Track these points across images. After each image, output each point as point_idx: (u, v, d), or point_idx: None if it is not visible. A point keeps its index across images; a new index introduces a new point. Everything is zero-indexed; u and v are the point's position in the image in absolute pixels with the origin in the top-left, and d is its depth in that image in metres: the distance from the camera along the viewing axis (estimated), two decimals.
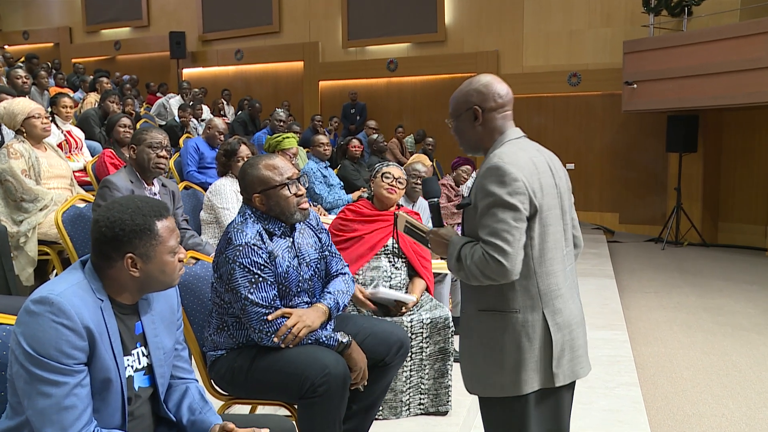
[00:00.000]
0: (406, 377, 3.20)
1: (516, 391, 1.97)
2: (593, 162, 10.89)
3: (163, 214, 1.78)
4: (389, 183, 3.52)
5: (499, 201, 1.88)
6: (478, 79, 2.07)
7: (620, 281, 6.96)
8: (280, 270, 2.42)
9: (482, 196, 1.91)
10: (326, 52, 13.34)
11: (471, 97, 2.04)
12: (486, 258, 1.86)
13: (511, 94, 2.07)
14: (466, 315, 2.10)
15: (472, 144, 2.10)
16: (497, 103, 2.03)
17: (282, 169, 2.48)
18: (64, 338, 1.59)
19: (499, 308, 1.97)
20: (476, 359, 2.03)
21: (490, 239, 1.86)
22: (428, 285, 3.48)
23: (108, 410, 1.73)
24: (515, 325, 1.96)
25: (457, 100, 2.08)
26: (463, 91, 2.07)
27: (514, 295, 1.96)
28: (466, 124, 2.06)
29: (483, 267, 1.87)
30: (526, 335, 1.96)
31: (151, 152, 3.49)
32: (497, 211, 1.87)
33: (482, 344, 2.01)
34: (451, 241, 2.02)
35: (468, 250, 1.92)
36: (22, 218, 3.82)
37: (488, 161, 1.96)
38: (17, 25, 17.39)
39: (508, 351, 1.97)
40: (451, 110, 2.10)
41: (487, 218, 1.89)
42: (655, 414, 3.85)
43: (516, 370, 1.96)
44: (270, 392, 2.43)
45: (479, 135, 2.06)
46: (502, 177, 1.89)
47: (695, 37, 8.87)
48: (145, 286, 1.79)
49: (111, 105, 6.48)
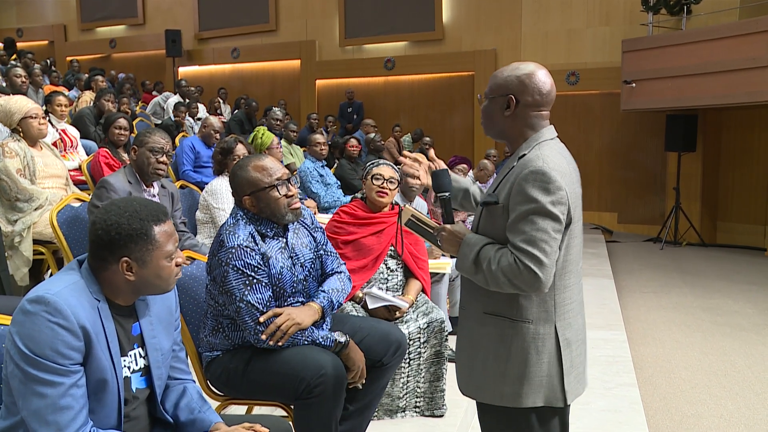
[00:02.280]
0: (403, 383, 3.17)
1: (515, 402, 1.89)
2: (592, 161, 10.88)
3: (162, 218, 1.75)
4: (380, 185, 3.39)
5: (542, 209, 1.78)
6: (525, 66, 1.94)
7: (619, 281, 6.95)
8: (273, 271, 2.40)
9: (522, 200, 1.80)
10: (323, 51, 13.32)
11: (511, 84, 1.91)
12: (518, 266, 1.76)
13: (554, 93, 1.95)
14: (467, 315, 2.01)
15: (496, 129, 1.99)
16: (535, 100, 1.91)
17: (271, 170, 2.45)
18: (59, 338, 1.58)
19: (509, 315, 1.89)
20: (474, 363, 1.96)
21: (527, 248, 1.76)
22: (424, 286, 3.45)
23: (104, 411, 1.71)
24: (525, 336, 1.88)
25: (496, 82, 1.95)
26: (505, 74, 1.94)
27: (529, 304, 1.88)
28: (497, 109, 1.94)
29: (513, 275, 1.77)
30: (535, 348, 1.87)
31: (152, 156, 3.45)
32: (538, 219, 1.78)
33: (484, 349, 1.93)
34: (466, 241, 1.91)
35: (491, 253, 1.83)
36: (16, 218, 3.80)
37: (529, 162, 1.84)
38: (11, 22, 17.32)
39: (514, 361, 1.88)
40: (488, 89, 1.97)
41: (525, 224, 1.78)
42: (654, 414, 3.83)
43: (519, 381, 1.88)
44: (266, 393, 2.42)
45: (506, 125, 1.95)
46: (547, 184, 1.79)
47: (694, 36, 8.87)
48: (141, 290, 1.78)
49: (106, 103, 6.45)
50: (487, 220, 1.93)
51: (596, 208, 10.86)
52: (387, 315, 3.19)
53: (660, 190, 10.50)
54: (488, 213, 1.93)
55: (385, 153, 9.27)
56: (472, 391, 2.00)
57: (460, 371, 2.03)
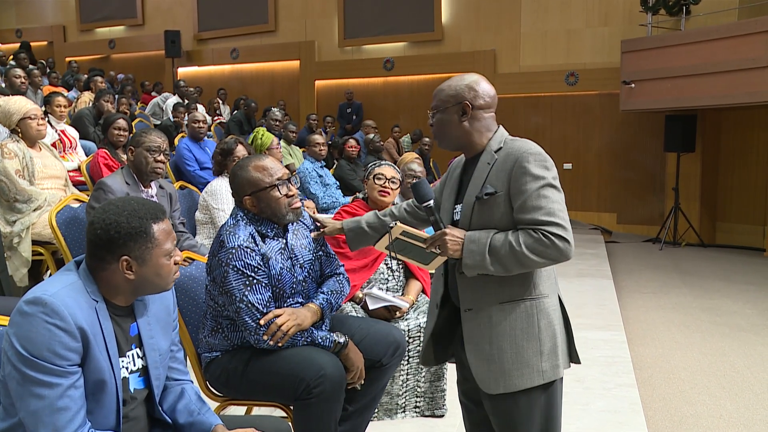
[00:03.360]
0: (402, 381, 3.18)
1: (555, 374, 2.01)
2: (591, 162, 10.89)
3: (160, 216, 1.76)
4: (382, 185, 3.42)
5: (549, 183, 1.92)
6: (467, 76, 2.10)
7: (618, 282, 6.94)
8: (273, 272, 2.40)
9: (529, 180, 1.91)
10: (322, 51, 13.32)
11: (462, 92, 2.05)
12: (546, 239, 1.86)
13: (496, 96, 2.11)
14: (478, 314, 2.01)
15: (452, 138, 2.10)
16: (486, 102, 2.07)
17: (272, 170, 2.45)
18: (57, 339, 1.58)
19: (527, 296, 1.99)
20: (502, 354, 1.98)
21: (551, 219, 1.88)
22: (424, 286, 3.46)
23: (102, 412, 1.71)
24: (547, 309, 2.00)
25: (445, 94, 2.08)
26: (452, 85, 2.08)
27: (540, 280, 2.01)
28: (452, 118, 2.06)
29: (542, 249, 1.86)
30: (556, 318, 2.03)
31: (149, 156, 3.44)
32: (549, 192, 1.91)
33: (510, 336, 1.98)
34: (469, 238, 1.95)
35: (505, 238, 1.90)
36: (15, 219, 3.80)
37: (519, 149, 1.97)
38: (10, 23, 17.30)
39: (545, 336, 1.99)
40: (436, 103, 2.10)
41: (539, 200, 1.89)
42: (653, 415, 3.83)
43: (554, 353, 2.00)
44: (265, 394, 2.41)
45: (464, 130, 2.06)
46: (545, 162, 1.94)
47: (693, 36, 8.88)
48: (140, 289, 1.77)
49: (105, 104, 6.45)
50: (483, 213, 1.99)
51: (595, 209, 10.87)
52: (387, 315, 3.19)
53: (659, 191, 10.50)
54: (485, 206, 1.98)
55: (384, 154, 9.27)
56: (504, 382, 1.99)
57: (481, 368, 2.01)
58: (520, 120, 11.05)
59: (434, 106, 2.11)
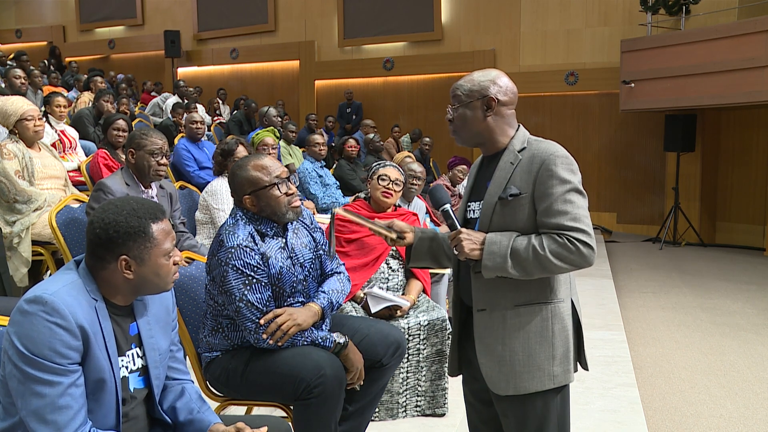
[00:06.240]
0: (402, 379, 3.18)
1: (567, 379, 2.01)
2: (591, 162, 10.88)
3: (159, 216, 1.76)
4: (385, 186, 3.43)
5: (576, 188, 1.91)
6: (490, 71, 2.05)
7: (618, 281, 6.95)
8: (273, 271, 2.40)
9: (556, 183, 1.89)
10: (322, 51, 13.32)
11: (488, 87, 1.99)
12: (571, 245, 1.85)
13: (517, 93, 2.08)
14: (491, 315, 1.99)
15: (473, 134, 2.03)
16: (509, 98, 2.03)
17: (271, 168, 2.45)
18: (57, 338, 1.58)
19: (543, 300, 1.97)
20: (514, 356, 1.96)
21: (577, 225, 1.86)
22: (425, 286, 3.46)
23: (102, 411, 1.71)
24: (561, 314, 1.99)
25: (469, 88, 2.01)
26: (476, 80, 2.01)
27: (557, 285, 1.98)
28: (475, 112, 2.00)
29: (566, 255, 1.85)
30: (570, 322, 2.01)
31: (152, 159, 3.43)
32: (575, 198, 1.90)
33: (523, 340, 1.96)
34: (490, 239, 1.91)
35: (528, 242, 1.87)
36: (15, 219, 3.79)
37: (545, 151, 1.94)
38: (9, 23, 17.30)
39: (559, 340, 1.98)
40: (460, 97, 2.02)
41: (565, 204, 1.88)
42: (653, 414, 3.83)
43: (566, 358, 1.99)
44: (265, 393, 2.41)
45: (487, 126, 2.01)
46: (571, 165, 1.94)
47: (693, 36, 8.88)
48: (139, 289, 1.77)
49: (105, 104, 6.44)
50: (505, 214, 1.95)
51: (595, 208, 10.86)
52: (387, 314, 3.19)
53: (659, 190, 10.50)
54: (507, 207, 1.95)
55: (384, 154, 9.27)
56: (514, 384, 1.98)
57: (492, 368, 2.00)
58: (520, 120, 10.56)
59: (457, 100, 2.03)
